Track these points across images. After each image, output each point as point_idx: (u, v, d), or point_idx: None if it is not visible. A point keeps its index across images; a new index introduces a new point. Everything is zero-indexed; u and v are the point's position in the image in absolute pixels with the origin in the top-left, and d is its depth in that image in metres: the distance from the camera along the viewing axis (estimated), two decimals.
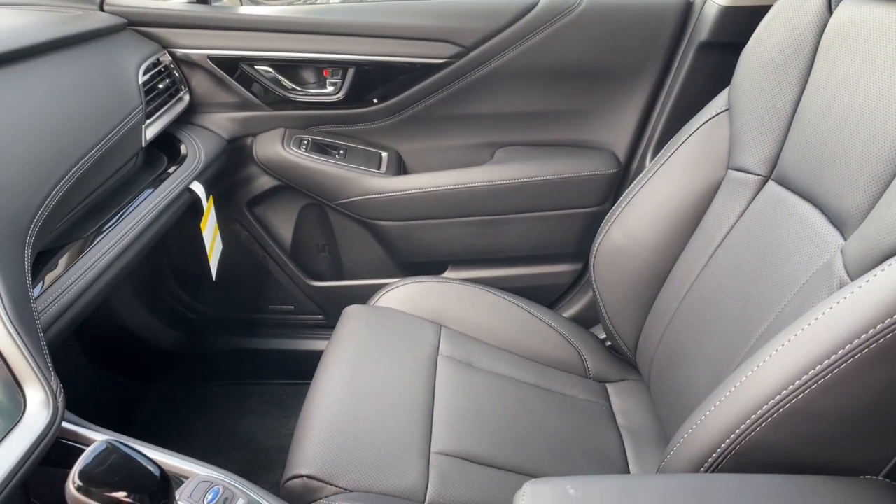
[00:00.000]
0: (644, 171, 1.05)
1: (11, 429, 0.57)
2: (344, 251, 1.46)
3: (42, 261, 0.84)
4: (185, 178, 1.13)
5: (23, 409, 0.58)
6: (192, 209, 1.18)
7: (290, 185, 1.35)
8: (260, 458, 1.39)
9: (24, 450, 0.55)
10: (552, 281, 1.43)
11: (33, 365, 0.60)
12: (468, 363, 1.07)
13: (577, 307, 1.44)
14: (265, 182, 1.37)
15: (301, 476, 0.81)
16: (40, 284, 0.81)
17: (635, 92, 1.29)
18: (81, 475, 0.43)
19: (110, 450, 0.45)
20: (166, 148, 1.22)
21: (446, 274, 1.42)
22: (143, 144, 1.10)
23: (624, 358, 1.15)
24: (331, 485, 0.80)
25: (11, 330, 0.60)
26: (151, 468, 0.46)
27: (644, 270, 1.04)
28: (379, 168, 1.33)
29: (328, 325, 1.48)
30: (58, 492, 0.45)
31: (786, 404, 0.58)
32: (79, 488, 0.43)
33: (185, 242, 1.31)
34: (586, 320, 1.36)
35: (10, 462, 0.54)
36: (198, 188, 1.15)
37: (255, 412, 1.50)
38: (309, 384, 0.98)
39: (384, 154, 1.36)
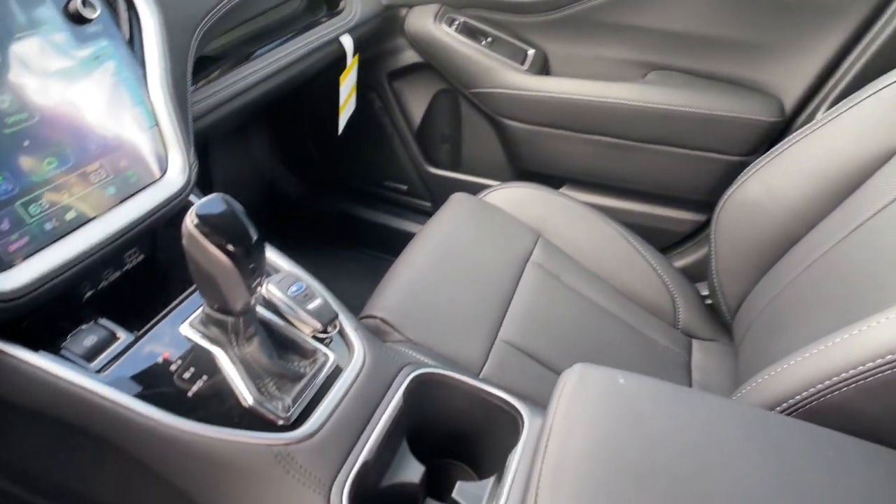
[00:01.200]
0: (809, 125, 0.94)
1: (153, 182, 0.65)
2: (466, 144, 1.47)
3: (200, 66, 0.92)
4: (337, 30, 1.17)
5: (164, 170, 0.66)
6: (337, 63, 1.23)
7: (431, 64, 1.36)
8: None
9: (160, 200, 0.63)
10: (669, 226, 1.36)
11: (180, 136, 0.67)
12: (556, 276, 1.06)
13: (687, 259, 1.36)
14: (409, 57, 1.38)
15: (375, 317, 0.86)
16: (195, 85, 0.90)
17: (830, 33, 1.12)
18: (199, 214, 0.48)
19: (225, 205, 0.50)
20: None
21: (562, 191, 1.39)
22: None
23: (721, 320, 1.09)
24: (399, 332, 0.85)
25: (169, 102, 0.67)
26: (252, 231, 0.51)
27: (773, 230, 0.96)
28: (522, 64, 1.29)
29: (434, 212, 1.52)
30: (179, 250, 0.51)
31: (886, 370, 0.52)
32: (195, 224, 0.48)
33: (324, 96, 1.37)
34: (693, 276, 1.29)
35: (147, 207, 0.62)
36: (346, 42, 1.19)
37: (349, 275, 1.60)
38: None
39: (530, 51, 1.32)
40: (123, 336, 0.57)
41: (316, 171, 1.66)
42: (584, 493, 0.43)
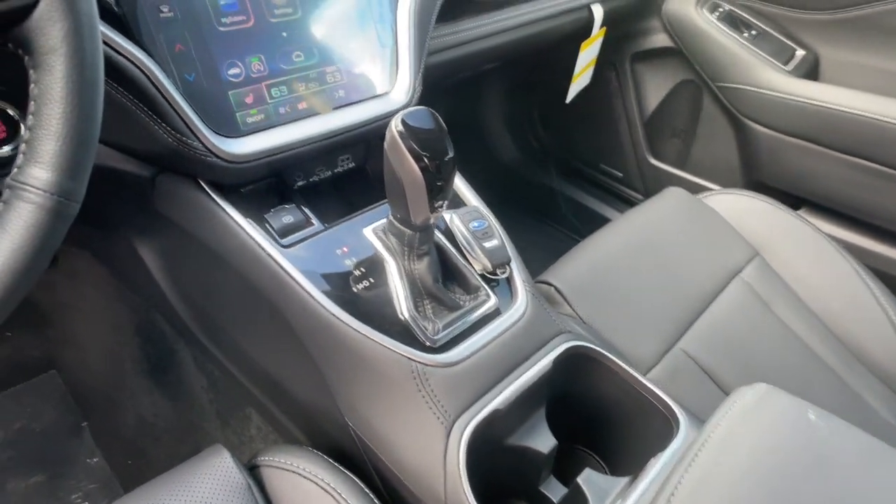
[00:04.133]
0: None
1: (378, 96, 0.68)
2: (698, 143, 1.34)
3: (448, 4, 0.95)
4: None
5: (391, 87, 0.70)
6: (582, 32, 1.19)
7: (682, 50, 1.26)
8: None
9: (379, 113, 0.67)
10: None
11: (413, 61, 0.70)
12: (766, 302, 0.93)
13: None
14: (659, 40, 1.29)
15: (550, 284, 0.84)
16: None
17: None
18: (404, 121, 0.50)
19: (431, 120, 0.51)
20: None
21: (798, 213, 1.20)
22: None
23: None
24: (570, 305, 0.81)
25: (412, 27, 0.71)
26: (448, 149, 0.51)
27: None
28: (786, 65, 1.13)
29: None
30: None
31: None
32: (398, 129, 0.50)
33: (562, 66, 1.34)
34: None
35: (367, 115, 0.67)
36: (597, 11, 1.15)
37: (538, 247, 1.57)
38: None
39: (799, 52, 1.15)
40: (315, 224, 0.62)
41: (534, 140, 1.65)
42: None
